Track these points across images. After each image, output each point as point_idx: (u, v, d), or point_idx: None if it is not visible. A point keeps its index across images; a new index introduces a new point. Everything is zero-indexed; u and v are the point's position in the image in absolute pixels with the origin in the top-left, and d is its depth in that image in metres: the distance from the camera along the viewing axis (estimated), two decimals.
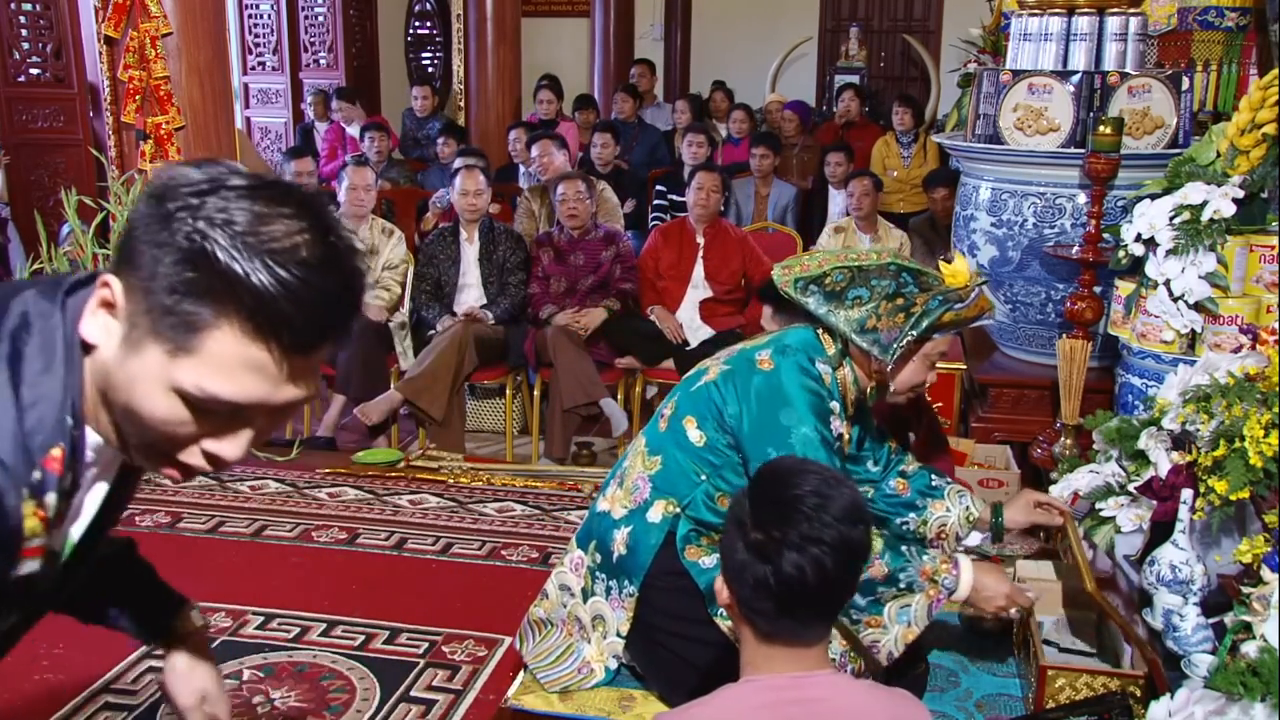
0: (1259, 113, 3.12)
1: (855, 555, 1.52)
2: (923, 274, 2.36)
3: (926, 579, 2.24)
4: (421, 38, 10.73)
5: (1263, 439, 2.26)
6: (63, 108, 6.59)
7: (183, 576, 3.26)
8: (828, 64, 10.67)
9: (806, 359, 2.33)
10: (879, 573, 2.22)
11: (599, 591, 2.40)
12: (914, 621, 2.23)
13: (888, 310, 2.30)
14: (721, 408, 2.32)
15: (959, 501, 2.60)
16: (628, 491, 2.41)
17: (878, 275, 2.34)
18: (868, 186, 5.72)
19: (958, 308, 2.32)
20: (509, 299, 5.01)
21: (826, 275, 2.36)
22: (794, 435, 2.23)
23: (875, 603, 2.23)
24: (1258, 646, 1.95)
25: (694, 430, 2.34)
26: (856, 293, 2.33)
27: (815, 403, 2.28)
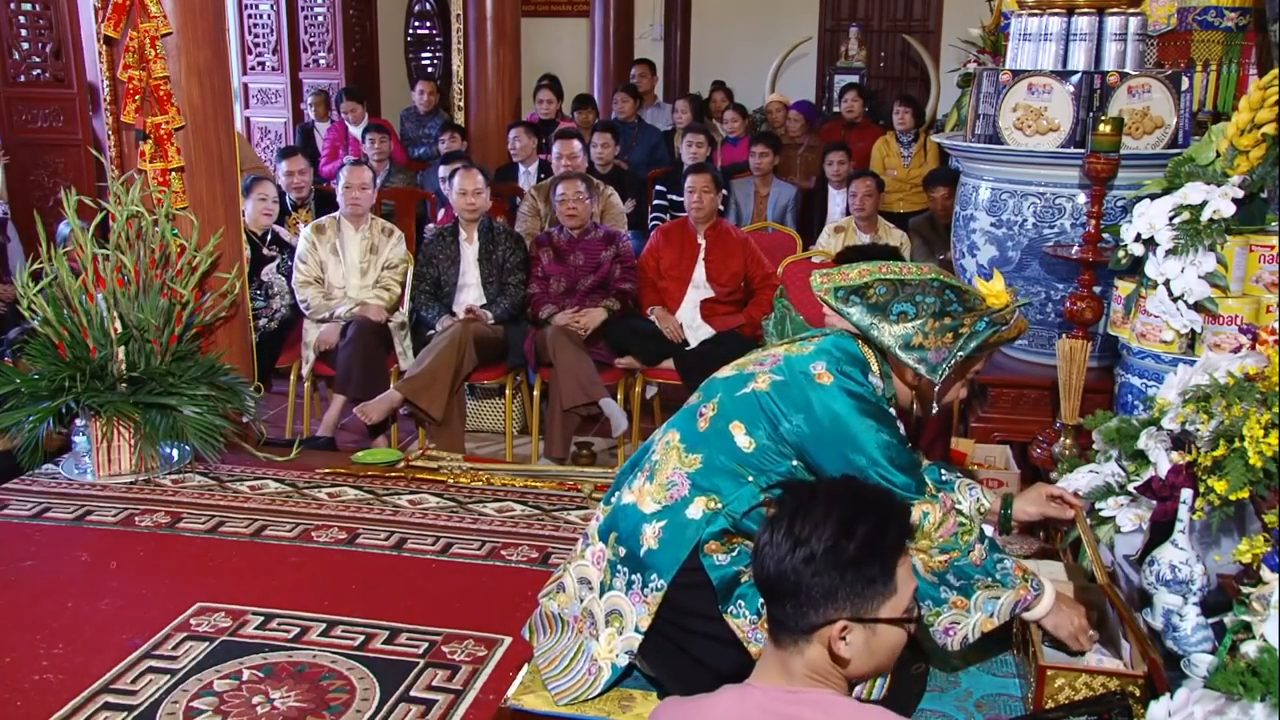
0: (1258, 113, 3.12)
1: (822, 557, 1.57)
2: (966, 293, 2.39)
3: (1020, 576, 2.33)
4: (421, 38, 10.73)
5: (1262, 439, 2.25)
6: (62, 108, 6.60)
7: (183, 576, 3.28)
8: (827, 64, 10.68)
9: (860, 372, 2.36)
10: (977, 558, 2.32)
11: (618, 586, 2.39)
12: (997, 614, 2.31)
13: (935, 329, 2.33)
14: (775, 418, 2.32)
15: (969, 494, 2.62)
16: (662, 486, 2.38)
17: (921, 291, 2.36)
18: (870, 187, 5.72)
19: (1003, 330, 2.37)
20: (508, 299, 5.01)
21: (869, 287, 2.37)
22: (868, 439, 2.28)
23: (968, 587, 2.31)
24: (1257, 646, 1.95)
25: (742, 436, 2.34)
26: (901, 308, 2.35)
27: (876, 411, 2.32)
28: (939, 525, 2.30)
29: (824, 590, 1.57)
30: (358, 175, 5.07)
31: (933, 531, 2.29)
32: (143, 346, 3.99)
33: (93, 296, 3.96)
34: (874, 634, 1.59)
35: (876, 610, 1.59)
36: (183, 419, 3.97)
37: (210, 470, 4.07)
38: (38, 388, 3.90)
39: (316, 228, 5.08)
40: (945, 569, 2.31)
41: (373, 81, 9.86)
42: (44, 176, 6.58)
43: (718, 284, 5.06)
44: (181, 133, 4.12)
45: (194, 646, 2.89)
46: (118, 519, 3.68)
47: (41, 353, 3.93)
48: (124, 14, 3.99)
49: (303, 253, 5.02)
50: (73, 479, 3.99)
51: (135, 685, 2.72)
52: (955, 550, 2.30)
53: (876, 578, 1.58)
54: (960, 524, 2.32)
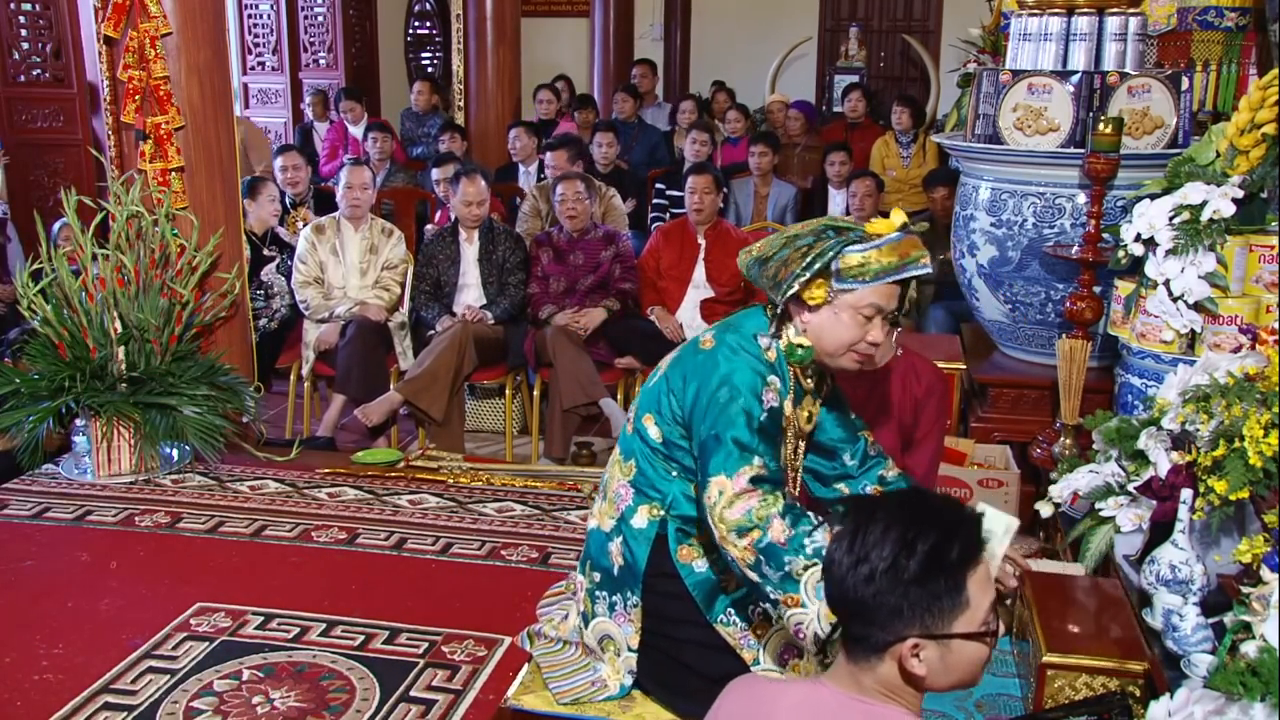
0: (1258, 113, 3.13)
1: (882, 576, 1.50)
2: (848, 229, 2.29)
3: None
4: (421, 38, 10.73)
5: (1262, 439, 2.26)
6: (62, 108, 6.60)
7: (183, 576, 3.28)
8: (827, 64, 10.68)
9: (749, 334, 2.31)
10: (780, 535, 2.09)
11: (600, 612, 2.41)
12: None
13: (793, 258, 2.25)
14: (673, 398, 2.30)
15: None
16: (611, 502, 2.41)
17: (804, 234, 2.29)
18: (870, 187, 5.73)
19: (859, 249, 2.21)
20: (508, 299, 5.01)
21: (768, 248, 2.33)
22: (714, 406, 2.20)
23: (787, 577, 2.08)
24: (1257, 646, 1.95)
25: (653, 428, 2.34)
26: (781, 254, 2.28)
27: (748, 379, 2.23)
28: (730, 504, 2.13)
29: (890, 609, 1.50)
30: (358, 175, 5.07)
31: (724, 511, 2.13)
32: (143, 346, 3.98)
33: (93, 296, 3.96)
34: (949, 650, 1.51)
35: (949, 626, 1.50)
36: (183, 419, 3.97)
37: (210, 470, 4.06)
38: (38, 388, 3.90)
39: (316, 228, 5.08)
40: (754, 558, 2.11)
41: (373, 81, 9.86)
42: (44, 176, 6.58)
43: (718, 284, 5.05)
44: (181, 133, 4.12)
45: (194, 646, 2.88)
46: (118, 519, 3.68)
47: (41, 353, 3.93)
48: (124, 14, 3.98)
49: (302, 253, 5.02)
50: (73, 479, 3.98)
51: (135, 685, 2.72)
52: (754, 529, 2.10)
53: (943, 594, 1.50)
54: (763, 499, 2.12)
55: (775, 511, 2.10)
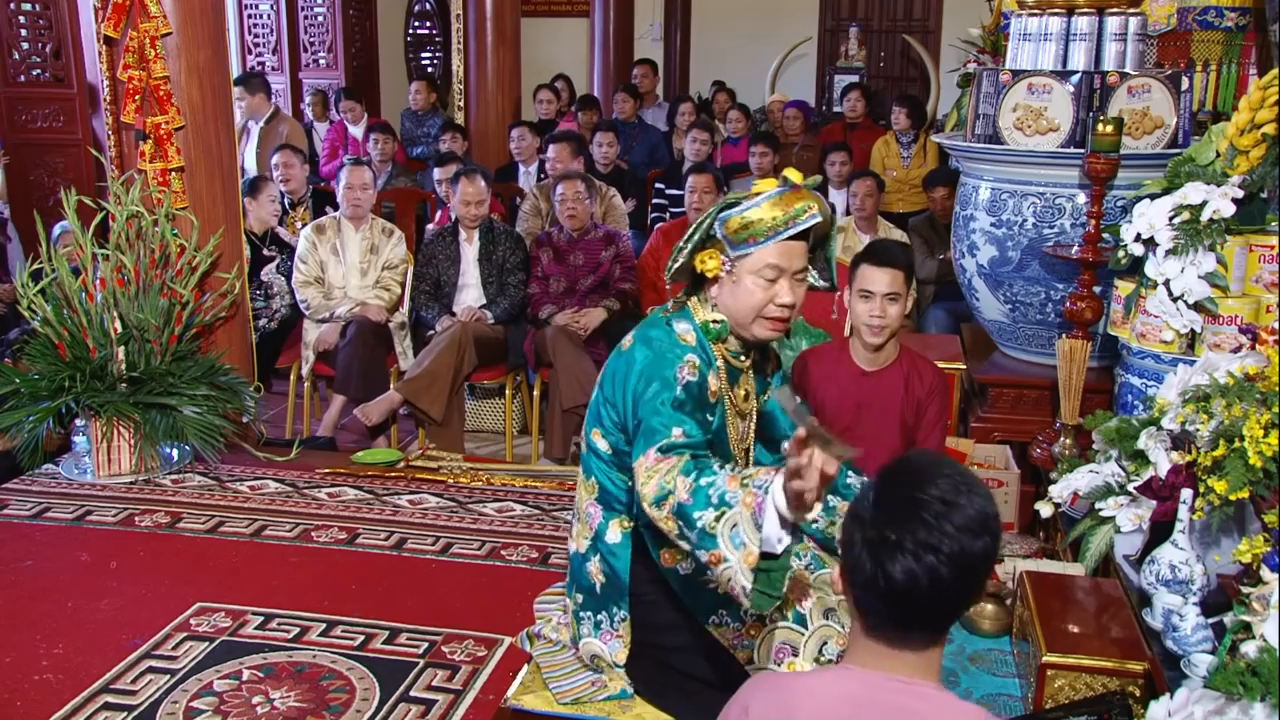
0: (1258, 113, 3.13)
1: (974, 569, 1.41)
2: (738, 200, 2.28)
3: (737, 485, 1.98)
4: (421, 38, 10.73)
5: (1262, 439, 2.26)
6: (62, 108, 6.60)
7: (183, 576, 3.28)
8: (827, 64, 10.68)
9: (663, 323, 2.31)
10: (685, 492, 2.02)
11: (586, 632, 2.42)
12: (746, 539, 1.94)
13: (685, 238, 2.26)
14: (608, 408, 2.32)
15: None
16: (584, 522, 2.42)
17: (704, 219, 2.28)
18: (871, 187, 5.72)
19: (740, 210, 2.20)
20: (508, 299, 5.01)
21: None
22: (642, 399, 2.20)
23: (705, 534, 1.99)
24: (1257, 646, 1.95)
25: (601, 441, 2.36)
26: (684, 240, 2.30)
27: (661, 362, 2.22)
28: (647, 480, 2.09)
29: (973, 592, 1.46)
30: (358, 175, 5.07)
31: (643, 489, 2.10)
32: (143, 346, 3.99)
33: (93, 296, 3.96)
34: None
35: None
36: (183, 419, 3.97)
37: (210, 470, 4.07)
38: (38, 388, 3.90)
39: (317, 228, 5.08)
40: (677, 526, 2.04)
41: (373, 81, 9.86)
42: (44, 176, 6.58)
43: None
44: (181, 133, 4.12)
45: (194, 646, 2.89)
46: (118, 519, 3.68)
47: (41, 353, 3.93)
48: (124, 14, 3.99)
49: (303, 253, 5.02)
50: (73, 479, 3.98)
51: (135, 685, 2.72)
52: (669, 495, 2.04)
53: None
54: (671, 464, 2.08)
55: (678, 472, 2.05)
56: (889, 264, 3.01)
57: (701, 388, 2.24)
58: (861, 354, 3.11)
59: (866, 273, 3.02)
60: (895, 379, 3.11)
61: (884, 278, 2.99)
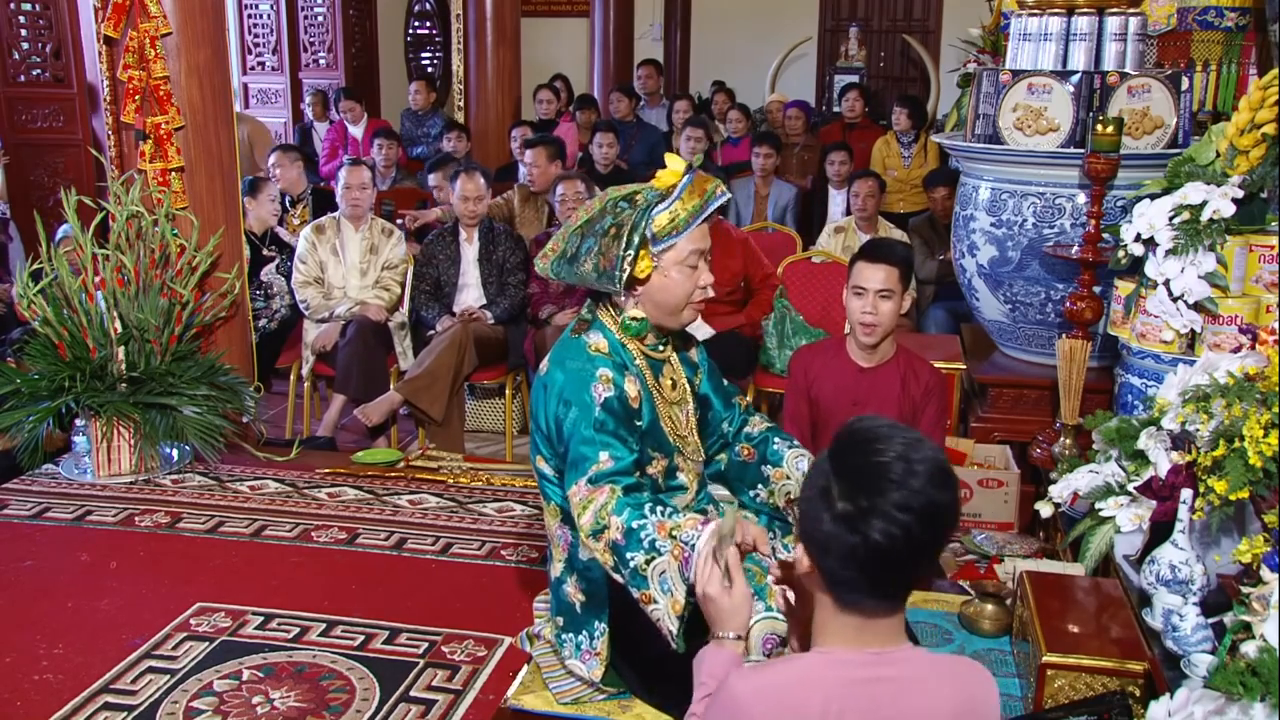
0: (1258, 113, 3.12)
1: (943, 520, 1.47)
2: (635, 193, 2.28)
3: (665, 535, 2.04)
4: (421, 38, 10.74)
5: (1262, 439, 2.26)
6: (62, 108, 6.60)
7: (183, 576, 3.28)
8: (827, 64, 10.68)
9: (572, 341, 2.31)
10: (617, 534, 2.07)
11: (568, 654, 2.43)
12: (673, 588, 2.01)
13: (605, 245, 2.23)
14: (539, 434, 2.33)
15: (797, 466, 2.47)
16: (557, 546, 2.43)
17: (599, 219, 2.27)
18: (872, 187, 5.72)
19: (664, 207, 2.22)
20: (508, 299, 5.01)
21: (566, 245, 2.31)
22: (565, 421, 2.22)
23: (636, 574, 2.05)
24: (1257, 646, 1.95)
25: (545, 466, 2.36)
26: (587, 245, 2.26)
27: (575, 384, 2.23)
28: (581, 511, 2.14)
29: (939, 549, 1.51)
30: (357, 175, 5.06)
31: (579, 521, 2.15)
32: (143, 346, 3.99)
33: (93, 296, 3.96)
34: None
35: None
36: (183, 419, 3.97)
37: (210, 470, 4.07)
38: (38, 388, 3.90)
39: (316, 228, 5.08)
40: (614, 561, 2.09)
41: (373, 81, 9.86)
42: (44, 176, 6.58)
43: (717, 284, 5.02)
44: (181, 133, 4.12)
45: (194, 646, 2.89)
46: (118, 519, 3.68)
47: (41, 353, 3.93)
48: (124, 14, 3.99)
49: (302, 253, 5.02)
50: (73, 479, 3.98)
51: (135, 685, 2.72)
52: (603, 530, 2.10)
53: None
54: (607, 496, 2.12)
55: (611, 510, 2.09)
56: (882, 260, 3.01)
57: (621, 400, 2.25)
58: (858, 351, 3.12)
59: (860, 269, 3.02)
60: (892, 376, 3.11)
61: (877, 274, 2.99)
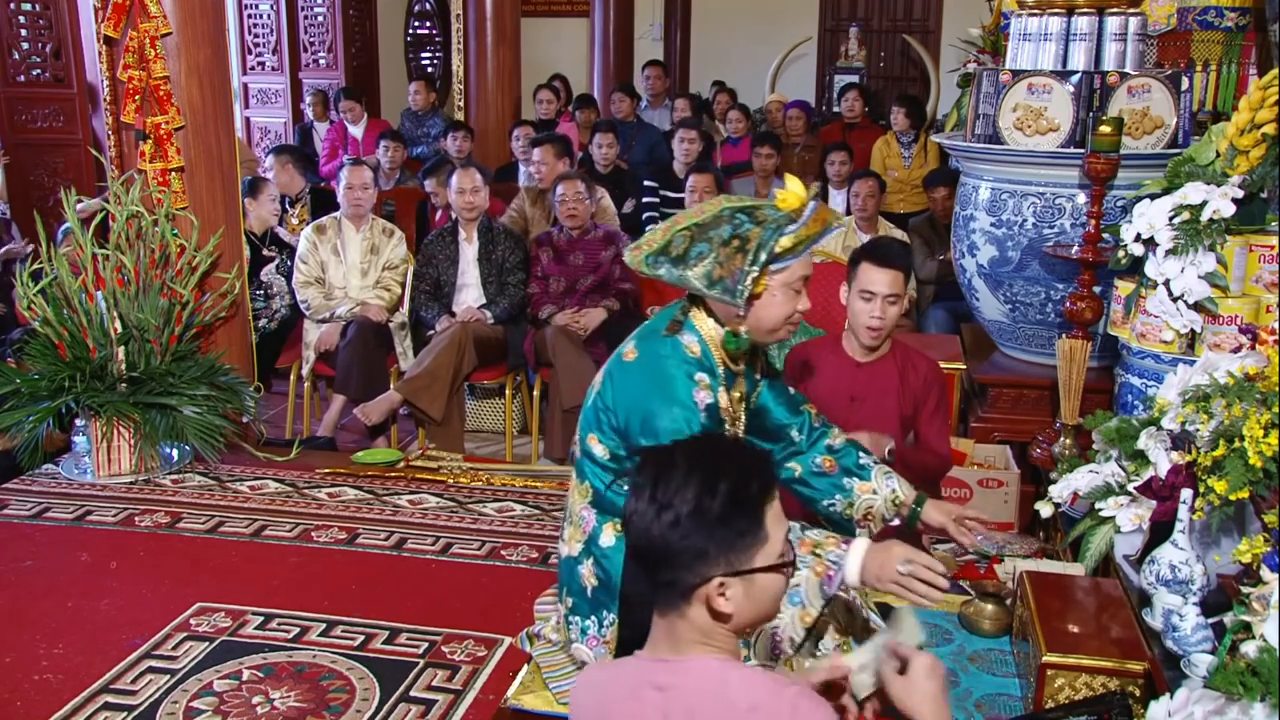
0: (1258, 113, 3.12)
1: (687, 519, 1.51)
2: (756, 208, 2.29)
3: (809, 551, 2.12)
4: (421, 38, 10.74)
5: (1262, 439, 2.26)
6: (62, 108, 6.60)
7: (183, 576, 3.28)
8: (827, 64, 10.68)
9: (669, 339, 2.31)
10: None
11: (575, 637, 2.42)
12: (807, 602, 2.10)
13: (726, 255, 2.23)
14: (609, 415, 2.32)
15: (886, 483, 2.50)
16: (577, 526, 2.41)
17: (714, 225, 2.28)
18: (873, 187, 5.71)
19: (792, 230, 2.24)
20: (508, 299, 5.01)
21: (670, 242, 2.31)
22: (661, 421, 2.22)
23: None
24: (1257, 646, 1.95)
25: (598, 446, 2.35)
26: (698, 249, 2.26)
27: (677, 383, 2.24)
28: None
29: (695, 552, 1.52)
30: (359, 175, 5.06)
31: None
32: (143, 346, 3.99)
33: (93, 296, 3.96)
34: (752, 584, 1.55)
35: (751, 560, 1.54)
36: (183, 419, 3.97)
37: (210, 470, 4.07)
38: (38, 388, 3.90)
39: (317, 228, 5.08)
40: None
41: (373, 81, 9.86)
42: (44, 176, 6.58)
43: None
44: (181, 133, 4.12)
45: (194, 646, 2.89)
46: (118, 519, 3.68)
47: (41, 353, 3.93)
48: (124, 14, 3.99)
49: (303, 253, 5.02)
50: (73, 479, 3.98)
51: (135, 685, 2.72)
52: None
53: (746, 529, 1.53)
54: None
55: None
56: (891, 265, 3.00)
57: (716, 408, 2.30)
58: (856, 347, 3.12)
59: (868, 272, 3.01)
60: (889, 370, 3.11)
61: (886, 278, 2.98)
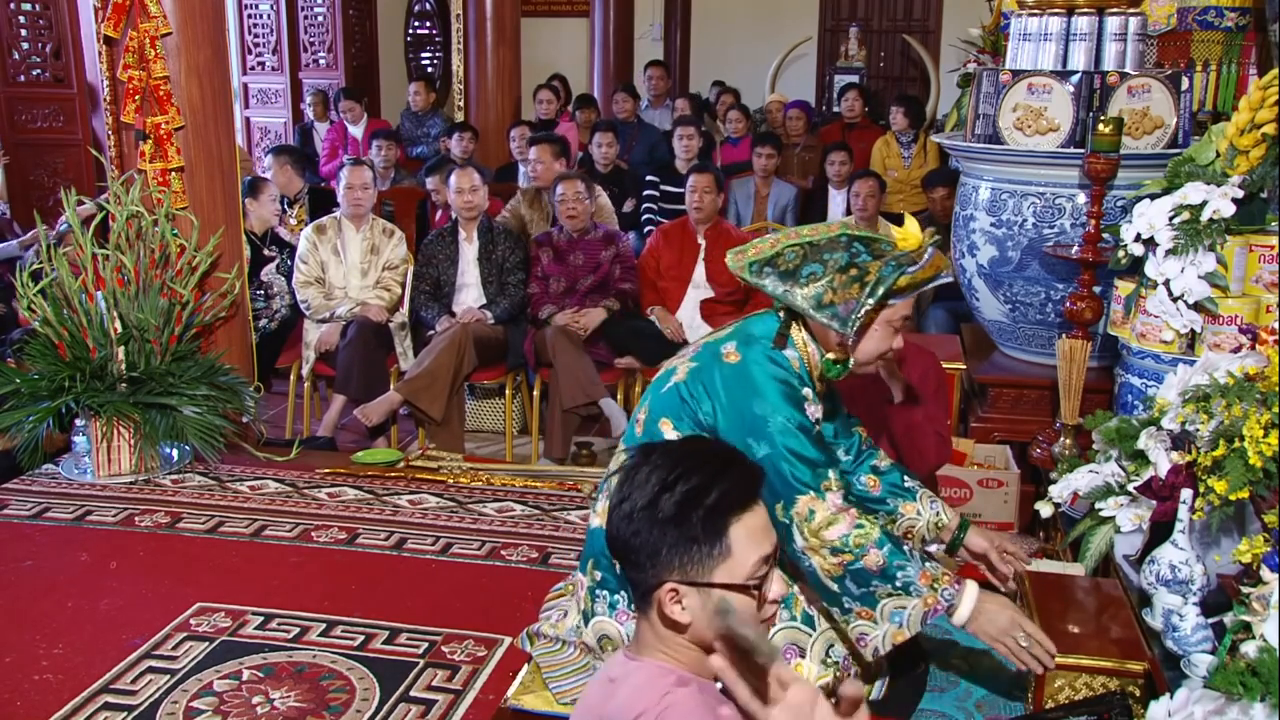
0: (1258, 113, 3.12)
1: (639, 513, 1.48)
2: (874, 241, 2.32)
3: (927, 584, 2.21)
4: (421, 38, 10.74)
5: (1262, 439, 2.26)
6: (62, 108, 6.61)
7: (183, 576, 3.28)
8: (827, 64, 10.68)
9: (773, 346, 2.32)
10: (874, 563, 2.20)
11: (600, 611, 2.40)
12: (906, 624, 2.21)
13: (842, 282, 2.26)
14: (695, 406, 2.31)
15: (930, 506, 2.56)
16: None
17: (829, 249, 2.30)
18: (873, 187, 5.72)
19: (911, 270, 2.27)
20: (508, 299, 5.01)
21: (779, 255, 2.32)
22: (771, 424, 2.23)
23: (869, 595, 2.22)
24: (1257, 646, 1.95)
25: (670, 431, 2.34)
26: (811, 269, 2.29)
27: (786, 391, 2.27)
28: (827, 525, 2.22)
29: (648, 550, 1.47)
30: (358, 175, 5.06)
31: (820, 531, 2.22)
32: (143, 346, 3.99)
33: (93, 296, 3.96)
34: (710, 598, 1.46)
35: (709, 574, 1.46)
36: (183, 419, 3.97)
37: (210, 470, 4.07)
38: (38, 388, 3.90)
39: (318, 228, 5.08)
40: (841, 573, 2.22)
41: (373, 81, 9.86)
42: (44, 176, 6.59)
43: (717, 284, 5.05)
44: (181, 133, 4.12)
45: (194, 646, 2.89)
46: (118, 519, 3.68)
47: (41, 353, 3.93)
48: (124, 14, 3.99)
49: (303, 253, 5.02)
50: (73, 479, 3.98)
51: (135, 685, 2.72)
52: (847, 553, 2.21)
53: (699, 537, 1.45)
54: (857, 525, 2.23)
55: (872, 541, 2.22)
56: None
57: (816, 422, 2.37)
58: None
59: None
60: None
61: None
